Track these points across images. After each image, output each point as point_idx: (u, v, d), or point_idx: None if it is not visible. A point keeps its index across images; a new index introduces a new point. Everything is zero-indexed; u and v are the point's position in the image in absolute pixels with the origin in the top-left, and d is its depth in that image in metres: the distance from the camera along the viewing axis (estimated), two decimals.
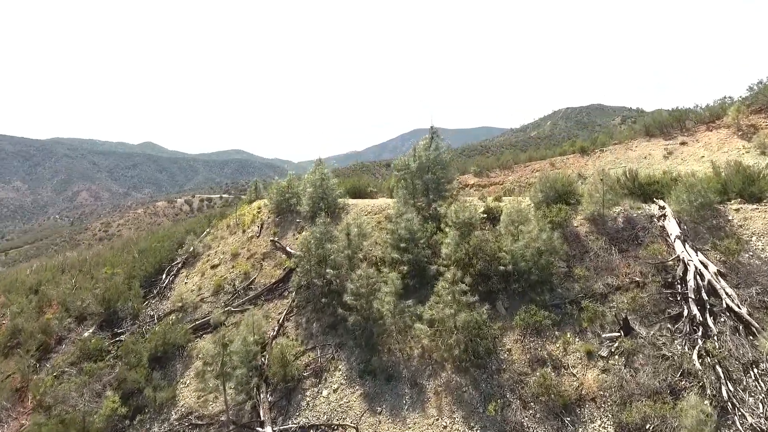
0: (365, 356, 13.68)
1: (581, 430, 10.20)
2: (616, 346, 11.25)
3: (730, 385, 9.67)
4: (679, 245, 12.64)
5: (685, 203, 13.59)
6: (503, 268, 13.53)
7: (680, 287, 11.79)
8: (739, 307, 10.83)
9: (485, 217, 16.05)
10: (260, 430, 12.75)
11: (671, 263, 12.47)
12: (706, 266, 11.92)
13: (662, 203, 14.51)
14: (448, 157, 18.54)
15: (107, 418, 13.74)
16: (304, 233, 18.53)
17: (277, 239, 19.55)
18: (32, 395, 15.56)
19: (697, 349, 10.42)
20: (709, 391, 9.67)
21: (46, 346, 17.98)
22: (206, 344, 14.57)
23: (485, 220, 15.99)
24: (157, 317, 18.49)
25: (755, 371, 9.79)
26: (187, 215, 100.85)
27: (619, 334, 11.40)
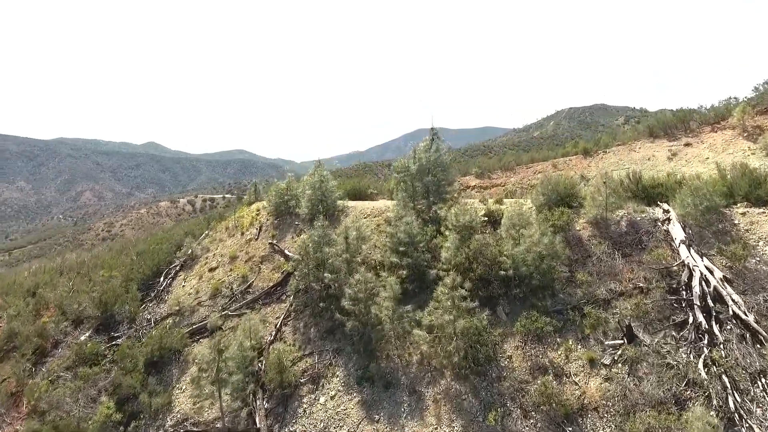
0: (363, 362, 13.45)
1: None
2: (619, 353, 10.97)
3: (737, 395, 9.38)
4: (684, 250, 12.34)
5: (690, 207, 13.26)
6: (504, 272, 13.27)
7: (685, 293, 11.50)
8: (746, 314, 10.53)
9: (486, 220, 15.79)
10: None
11: (676, 269, 12.16)
12: (711, 272, 11.61)
13: (666, 207, 14.20)
14: (448, 158, 18.29)
15: (101, 424, 13.60)
16: (302, 236, 18.32)
17: (275, 242, 19.35)
18: (27, 400, 15.40)
19: (702, 357, 10.13)
20: (715, 401, 9.39)
21: (42, 349, 17.84)
22: (202, 349, 14.39)
23: (486, 223, 15.73)
24: (154, 321, 18.31)
25: (763, 381, 9.50)
26: (189, 215, 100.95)
27: (622, 341, 11.13)
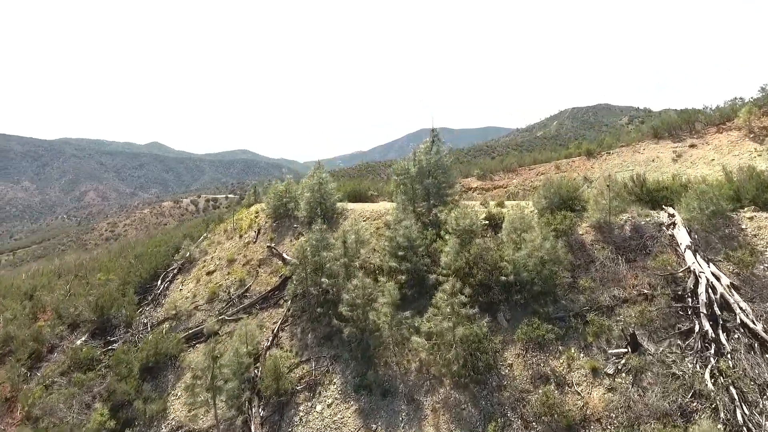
0: (361, 369, 13.18)
1: None
2: (622, 363, 10.66)
3: (745, 407, 9.05)
4: (689, 256, 12.01)
5: (695, 211, 12.92)
6: (505, 278, 12.99)
7: (691, 301, 11.17)
8: (754, 323, 10.20)
9: (487, 223, 15.49)
10: None
11: (681, 275, 11.83)
12: (718, 278, 11.28)
13: (672, 211, 13.85)
14: (449, 160, 18.01)
15: (95, 431, 13.34)
16: (301, 239, 18.06)
17: (273, 245, 19.11)
18: (21, 406, 15.20)
19: (709, 368, 9.81)
20: (722, 414, 9.07)
21: (38, 354, 17.64)
22: (197, 356, 14.14)
23: (487, 226, 15.44)
24: (150, 325, 18.10)
25: None
26: (192, 215, 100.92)
27: (626, 350, 10.81)
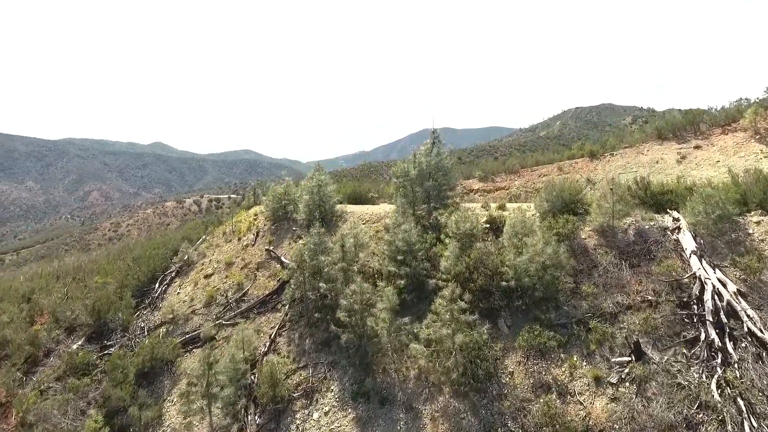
0: (359, 376, 12.94)
1: None
2: (626, 372, 10.38)
3: (753, 420, 8.77)
4: (695, 261, 11.71)
5: (701, 215, 12.62)
6: (506, 283, 12.71)
7: (697, 308, 10.87)
8: (762, 331, 9.90)
9: (488, 227, 15.23)
10: None
11: (687, 281, 11.53)
12: (725, 285, 10.99)
13: (676, 215, 13.54)
14: (449, 162, 17.77)
15: None
16: (299, 242, 17.83)
17: (272, 248, 18.89)
18: (16, 411, 15.02)
19: (716, 378, 9.52)
20: (729, 426, 8.78)
21: (34, 358, 17.47)
22: (193, 361, 13.92)
23: (488, 230, 15.18)
24: (147, 329, 17.89)
25: None
26: (195, 215, 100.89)
27: (629, 358, 10.53)
